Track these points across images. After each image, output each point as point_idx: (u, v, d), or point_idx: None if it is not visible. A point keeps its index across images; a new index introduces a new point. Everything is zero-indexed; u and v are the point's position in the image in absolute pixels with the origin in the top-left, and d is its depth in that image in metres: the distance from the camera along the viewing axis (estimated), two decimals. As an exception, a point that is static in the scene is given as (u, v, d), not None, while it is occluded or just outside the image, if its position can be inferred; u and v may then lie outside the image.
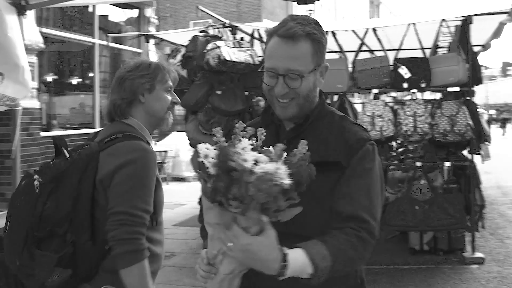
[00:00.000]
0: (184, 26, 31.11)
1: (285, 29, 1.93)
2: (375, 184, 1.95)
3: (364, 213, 1.87)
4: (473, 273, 6.63)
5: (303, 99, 1.98)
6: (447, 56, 7.39)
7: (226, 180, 1.61)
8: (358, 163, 1.93)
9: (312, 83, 1.99)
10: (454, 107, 7.10)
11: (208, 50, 7.04)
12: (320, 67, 2.01)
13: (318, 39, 1.96)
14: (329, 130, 2.02)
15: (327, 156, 1.94)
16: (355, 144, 1.95)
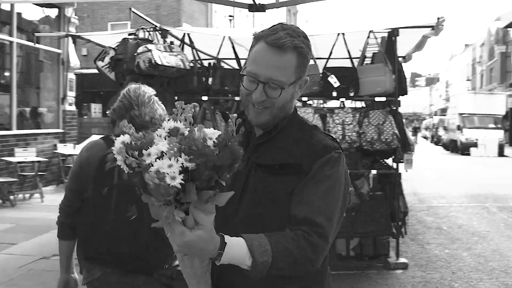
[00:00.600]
0: (102, 27, 30.56)
1: (274, 38, 1.91)
2: (335, 190, 1.92)
3: (318, 217, 1.85)
4: (398, 278, 6.81)
5: (278, 110, 1.96)
6: (375, 66, 7.57)
7: (137, 175, 1.57)
8: (319, 168, 1.91)
9: (290, 94, 1.98)
10: (381, 117, 7.28)
11: (138, 53, 6.89)
12: (301, 80, 2.00)
13: (305, 54, 1.95)
14: (297, 137, 2.00)
15: (289, 159, 1.95)
16: (320, 150, 1.94)
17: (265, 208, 1.92)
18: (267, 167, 1.95)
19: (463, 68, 75.12)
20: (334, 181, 1.93)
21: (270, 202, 1.92)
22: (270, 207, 1.92)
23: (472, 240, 8.88)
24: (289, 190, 1.91)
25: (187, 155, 1.53)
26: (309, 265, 1.85)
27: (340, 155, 1.98)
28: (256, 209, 1.94)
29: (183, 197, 1.56)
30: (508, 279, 6.78)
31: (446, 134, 39.04)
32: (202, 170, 1.54)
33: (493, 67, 54.33)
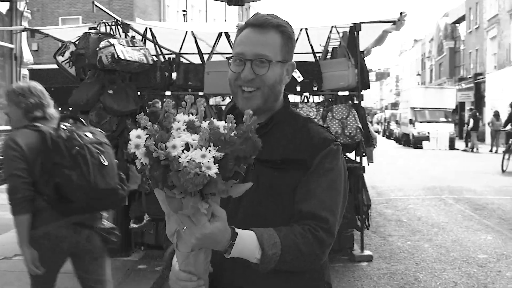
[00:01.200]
0: (52, 21, 29.92)
1: (255, 18, 1.95)
2: (337, 183, 1.93)
3: (323, 212, 1.86)
4: (364, 270, 6.89)
5: (268, 89, 1.94)
6: (338, 61, 7.61)
7: (160, 168, 1.56)
8: (320, 162, 1.92)
9: (279, 75, 1.95)
10: (344, 111, 7.33)
11: (100, 48, 6.78)
12: (287, 64, 2.00)
13: (289, 34, 1.97)
14: (294, 131, 2.00)
15: (292, 154, 1.94)
16: (319, 144, 1.95)
17: (269, 205, 1.91)
18: (268, 162, 1.93)
19: (413, 63, 76.53)
20: (335, 174, 1.94)
21: (274, 198, 1.91)
22: (274, 203, 1.91)
23: (432, 231, 9.06)
24: (292, 186, 1.91)
25: (215, 145, 1.53)
26: (315, 260, 1.87)
27: (338, 147, 1.99)
28: (260, 206, 1.92)
29: (207, 188, 1.54)
30: (470, 269, 6.93)
31: (398, 128, 39.68)
32: (228, 161, 1.55)
33: (442, 62, 55.49)
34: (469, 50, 45.43)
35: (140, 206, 7.01)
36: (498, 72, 35.74)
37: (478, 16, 42.76)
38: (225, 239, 1.70)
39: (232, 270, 1.91)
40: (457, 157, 25.29)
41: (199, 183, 1.49)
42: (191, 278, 1.77)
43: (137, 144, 1.57)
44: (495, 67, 37.99)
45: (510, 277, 6.60)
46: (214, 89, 7.32)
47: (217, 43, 7.59)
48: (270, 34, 1.93)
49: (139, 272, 6.47)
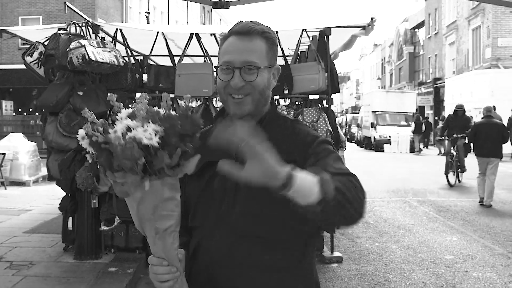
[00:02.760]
0: (12, 21, 29.39)
1: (240, 26, 1.97)
2: (337, 157, 1.89)
3: (341, 168, 1.79)
4: (334, 271, 6.97)
5: (259, 95, 1.95)
6: (308, 64, 7.69)
7: (103, 154, 1.61)
8: (317, 147, 1.91)
9: (267, 80, 1.98)
10: (314, 114, 7.40)
11: (71, 49, 6.71)
12: (273, 68, 2.02)
13: (273, 40, 2.00)
14: (282, 132, 2.00)
15: (283, 156, 1.75)
16: (309, 140, 1.95)
17: (265, 204, 1.87)
18: None
19: (373, 67, 77.49)
20: (336, 154, 1.91)
21: (269, 197, 1.81)
22: (270, 202, 1.84)
23: (399, 233, 9.20)
24: None
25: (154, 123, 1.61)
26: (358, 211, 1.69)
27: (324, 139, 2.00)
28: (256, 205, 1.90)
29: (156, 163, 1.61)
30: (438, 269, 7.07)
31: (360, 131, 40.13)
32: (170, 137, 1.61)
33: (401, 67, 56.34)
34: (429, 55, 46.26)
35: (111, 208, 6.95)
36: (457, 77, 36.47)
37: (437, 22, 43.61)
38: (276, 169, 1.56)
39: (228, 269, 1.92)
40: (418, 160, 25.73)
41: (132, 156, 1.54)
42: (161, 262, 1.81)
43: (82, 136, 1.63)
44: (454, 72, 38.79)
45: (477, 277, 6.76)
46: (185, 91, 7.27)
47: (187, 45, 7.58)
48: (256, 41, 1.95)
49: (110, 274, 6.41)
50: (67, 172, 6.84)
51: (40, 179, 15.10)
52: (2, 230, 8.64)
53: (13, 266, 6.62)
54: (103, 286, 5.95)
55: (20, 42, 28.17)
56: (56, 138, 6.96)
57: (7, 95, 30.89)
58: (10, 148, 14.28)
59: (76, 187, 6.81)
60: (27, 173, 14.50)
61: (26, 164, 14.50)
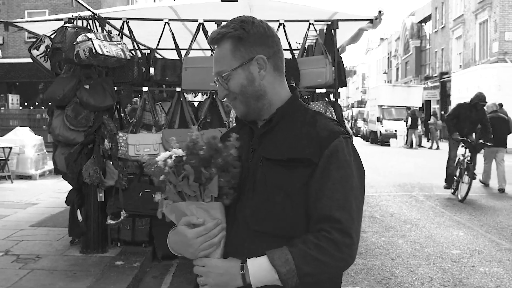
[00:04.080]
0: (18, 15, 29.41)
1: (209, 38, 2.02)
2: (348, 177, 1.87)
3: (335, 211, 1.81)
4: (341, 266, 6.94)
5: (242, 96, 1.97)
6: (315, 58, 7.65)
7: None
8: (329, 157, 1.87)
9: (244, 78, 1.96)
10: (321, 108, 7.36)
11: (78, 42, 6.69)
12: (253, 61, 1.96)
13: (237, 36, 1.95)
14: (300, 125, 1.97)
15: (297, 153, 1.91)
16: (326, 138, 1.90)
17: (277, 201, 1.89)
18: (276, 161, 1.93)
19: (379, 61, 77.30)
20: (345, 169, 1.88)
21: (283, 194, 1.89)
22: (283, 199, 1.89)
23: (405, 227, 9.18)
24: (301, 183, 1.89)
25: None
26: (340, 263, 1.83)
27: (347, 139, 1.95)
28: (268, 202, 1.91)
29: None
30: (444, 264, 7.05)
31: (366, 125, 40.06)
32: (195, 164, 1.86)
33: (408, 61, 56.18)
34: (435, 49, 46.10)
35: (117, 202, 6.95)
36: (463, 71, 36.32)
37: (444, 16, 43.43)
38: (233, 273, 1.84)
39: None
40: (424, 154, 25.68)
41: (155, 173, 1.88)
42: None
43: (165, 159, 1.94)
44: (461, 66, 38.65)
45: (484, 272, 6.73)
46: (191, 85, 7.29)
47: (195, 37, 7.54)
48: (222, 47, 1.97)
49: (117, 268, 6.41)
50: (73, 165, 6.84)
51: (47, 173, 15.15)
52: (8, 224, 8.66)
53: (19, 259, 6.64)
54: (109, 280, 5.95)
55: (27, 36, 28.23)
56: (63, 132, 6.96)
57: (14, 89, 30.95)
58: (17, 142, 14.32)
59: (83, 181, 6.81)
60: (34, 167, 14.54)
61: (33, 158, 14.53)
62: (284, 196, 1.89)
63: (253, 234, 1.90)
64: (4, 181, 13.69)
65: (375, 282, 6.35)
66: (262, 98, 1.99)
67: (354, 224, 1.83)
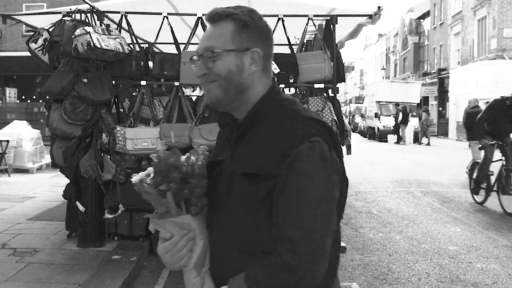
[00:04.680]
0: (16, 8, 29.32)
1: (209, 13, 1.86)
2: (309, 190, 1.67)
3: (290, 230, 1.64)
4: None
5: (224, 81, 1.81)
6: (314, 53, 7.64)
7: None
8: (288, 167, 1.68)
9: (234, 65, 1.81)
10: (320, 103, 7.36)
11: (76, 35, 6.66)
12: (249, 52, 1.82)
13: (245, 21, 1.82)
14: (270, 130, 1.79)
15: (258, 169, 1.74)
16: (289, 145, 1.70)
17: (239, 216, 1.77)
18: (240, 174, 1.80)
19: (377, 57, 77.31)
20: (304, 180, 1.67)
21: (244, 209, 1.76)
22: (244, 215, 1.76)
23: (403, 223, 9.19)
24: (262, 197, 1.72)
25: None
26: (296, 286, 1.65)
27: (315, 143, 1.69)
28: (231, 217, 1.82)
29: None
30: (441, 260, 7.06)
31: (363, 121, 40.08)
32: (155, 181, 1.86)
33: (406, 57, 56.21)
34: (433, 45, 46.11)
35: (115, 196, 6.94)
36: (462, 68, 36.35)
37: (443, 12, 43.43)
38: None
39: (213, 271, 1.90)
40: (422, 150, 25.71)
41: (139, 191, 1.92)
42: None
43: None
44: (459, 62, 38.66)
45: (481, 268, 6.74)
46: (190, 80, 7.27)
47: (194, 32, 7.52)
48: (221, 25, 1.82)
49: (114, 262, 6.40)
50: (71, 159, 6.83)
51: (44, 167, 15.13)
52: (5, 217, 8.64)
53: (16, 253, 6.63)
54: (107, 274, 5.95)
55: (24, 29, 28.12)
56: (61, 126, 6.94)
57: (11, 82, 30.88)
58: (14, 135, 14.30)
59: (80, 175, 6.81)
60: (31, 160, 14.53)
61: (30, 152, 14.52)
62: (245, 211, 1.76)
63: (227, 247, 1.81)
64: (1, 175, 13.66)
65: (372, 278, 6.36)
66: (243, 92, 1.85)
67: (311, 242, 1.64)
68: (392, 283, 6.17)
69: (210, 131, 6.85)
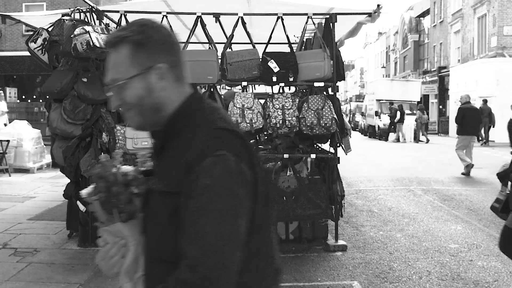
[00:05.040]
0: (15, 8, 29.31)
1: (106, 39, 1.85)
2: (208, 205, 1.63)
3: (188, 246, 1.62)
4: (339, 259, 6.95)
5: (139, 107, 1.80)
6: (314, 52, 7.65)
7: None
8: (190, 183, 1.66)
9: (142, 88, 1.78)
10: (320, 102, 7.36)
11: (75, 35, 6.68)
12: (152, 70, 1.78)
13: (137, 40, 1.76)
14: (182, 144, 1.77)
15: (166, 185, 1.75)
16: (194, 160, 1.67)
17: (153, 232, 1.80)
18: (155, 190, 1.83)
19: (377, 56, 77.25)
20: (203, 196, 1.64)
21: (157, 222, 1.78)
22: (156, 228, 1.78)
23: (403, 221, 9.18)
24: (170, 213, 1.72)
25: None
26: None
27: (219, 157, 1.66)
28: (147, 233, 1.86)
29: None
30: (442, 258, 7.05)
31: (364, 119, 40.05)
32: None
33: (406, 55, 56.16)
34: (433, 43, 46.08)
35: (115, 195, 6.93)
36: (462, 66, 36.34)
37: (443, 10, 43.39)
38: None
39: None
40: (422, 148, 25.70)
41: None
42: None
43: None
44: (459, 60, 38.64)
45: (482, 266, 6.73)
46: (189, 78, 7.20)
47: (193, 31, 7.52)
48: (118, 50, 1.77)
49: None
50: (71, 159, 6.83)
51: (44, 166, 15.13)
52: (6, 217, 8.65)
53: (17, 253, 6.64)
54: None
55: (24, 29, 28.09)
56: (61, 125, 6.95)
57: (11, 82, 30.87)
58: (14, 135, 14.30)
59: (81, 174, 6.81)
60: (31, 160, 14.53)
61: (30, 151, 14.52)
62: (157, 227, 1.77)
63: (147, 260, 1.85)
64: (2, 175, 13.68)
65: (373, 276, 6.36)
66: (160, 110, 1.82)
67: (211, 259, 1.59)
68: (393, 281, 6.17)
69: (210, 130, 6.85)
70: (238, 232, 1.66)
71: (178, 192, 1.67)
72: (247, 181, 1.70)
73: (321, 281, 6.20)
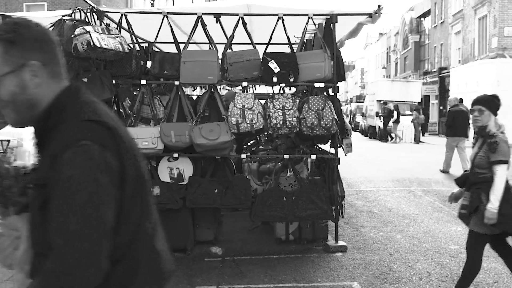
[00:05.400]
0: (16, 8, 29.31)
1: None
2: (76, 194, 1.68)
3: (56, 236, 1.67)
4: (339, 260, 6.95)
5: (13, 104, 1.84)
6: (314, 52, 7.64)
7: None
8: (56, 176, 1.71)
9: (15, 86, 1.83)
10: (320, 102, 7.34)
11: (76, 35, 6.67)
12: (25, 67, 1.83)
13: (8, 38, 1.81)
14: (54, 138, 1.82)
15: (36, 178, 1.84)
16: (58, 153, 1.73)
17: (30, 220, 1.87)
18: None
19: (378, 56, 77.19)
20: (69, 185, 1.69)
21: (32, 214, 1.86)
22: (32, 219, 1.86)
23: (404, 222, 9.18)
24: (40, 204, 1.77)
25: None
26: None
27: (80, 148, 1.73)
28: (29, 225, 1.89)
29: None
30: (442, 259, 7.05)
31: (364, 120, 40.03)
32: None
33: (407, 56, 56.11)
34: (434, 44, 46.04)
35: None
36: (463, 67, 36.25)
37: (443, 11, 43.36)
38: None
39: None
40: (423, 149, 25.67)
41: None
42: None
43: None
44: (460, 61, 38.61)
45: (482, 267, 6.66)
46: (190, 79, 7.28)
47: (193, 31, 7.51)
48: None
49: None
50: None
51: (45, 166, 15.08)
52: (6, 217, 8.62)
53: (17, 252, 6.61)
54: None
55: (24, 29, 28.09)
56: (61, 125, 6.93)
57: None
58: (15, 135, 14.27)
59: None
60: (32, 160, 14.49)
61: (31, 151, 14.48)
62: (32, 217, 1.85)
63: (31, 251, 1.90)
64: (2, 174, 13.62)
65: (373, 277, 6.35)
66: (35, 107, 1.87)
67: (75, 248, 1.65)
68: (393, 283, 6.16)
69: (211, 131, 6.87)
70: (103, 220, 1.70)
71: (46, 184, 1.73)
72: (111, 169, 1.75)
73: (321, 282, 6.19)
